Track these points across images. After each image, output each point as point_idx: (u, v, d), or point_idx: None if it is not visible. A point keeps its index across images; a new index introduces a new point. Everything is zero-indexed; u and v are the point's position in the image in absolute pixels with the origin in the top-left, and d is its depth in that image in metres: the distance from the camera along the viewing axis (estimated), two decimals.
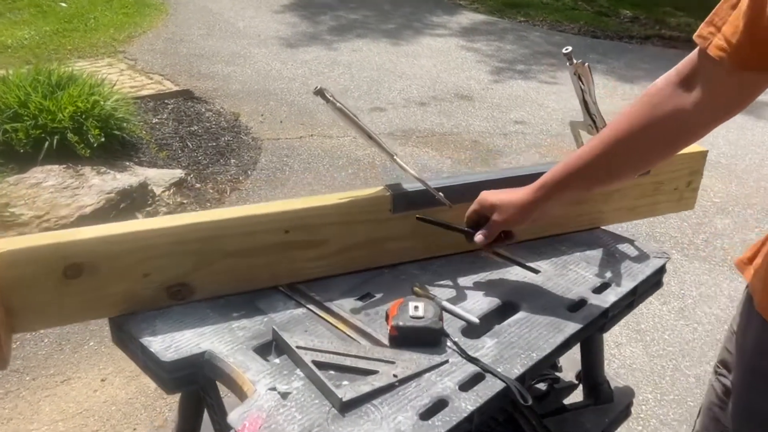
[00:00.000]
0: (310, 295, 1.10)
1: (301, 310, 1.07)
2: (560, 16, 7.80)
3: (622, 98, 5.02)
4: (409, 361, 0.95)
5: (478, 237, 1.08)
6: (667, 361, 2.26)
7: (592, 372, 1.37)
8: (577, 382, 1.43)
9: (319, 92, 1.03)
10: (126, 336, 1.01)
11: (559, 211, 1.12)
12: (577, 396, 1.43)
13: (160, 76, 4.97)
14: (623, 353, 2.29)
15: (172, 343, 0.97)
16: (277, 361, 0.95)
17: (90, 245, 0.95)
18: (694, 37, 0.83)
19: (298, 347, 0.95)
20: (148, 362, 0.98)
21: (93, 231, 0.96)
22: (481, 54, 6.15)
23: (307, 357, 0.93)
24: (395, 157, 1.12)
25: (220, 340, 0.98)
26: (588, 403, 1.37)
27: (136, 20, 6.49)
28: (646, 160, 0.95)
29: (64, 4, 6.76)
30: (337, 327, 1.03)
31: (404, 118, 4.47)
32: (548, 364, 1.01)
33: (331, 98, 1.04)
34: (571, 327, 1.05)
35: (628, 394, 1.41)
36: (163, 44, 5.79)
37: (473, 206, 1.09)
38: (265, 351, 0.97)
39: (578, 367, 1.41)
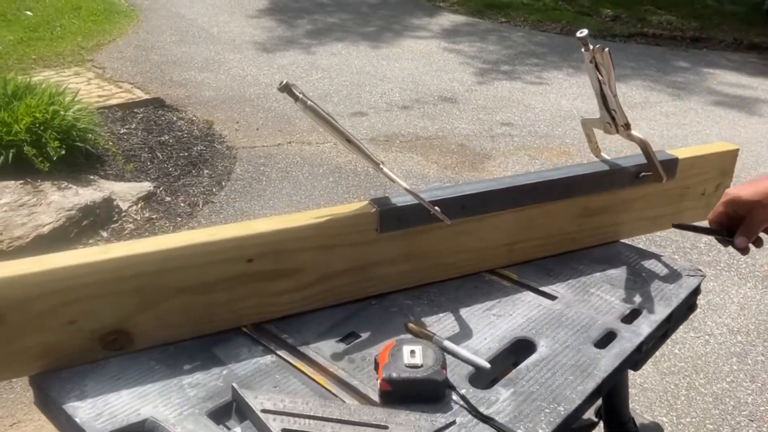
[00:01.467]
0: (282, 338, 0.90)
1: (269, 358, 0.86)
2: (542, 16, 7.68)
3: None
4: (406, 424, 0.75)
5: (740, 241, 0.95)
6: (680, 378, 2.08)
7: (615, 409, 1.18)
8: (596, 419, 1.24)
9: (285, 88, 0.83)
10: (48, 399, 0.80)
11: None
12: None
13: (130, 85, 4.74)
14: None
15: (104, 409, 0.77)
16: (237, 430, 0.74)
17: None
18: None
19: (264, 411, 0.74)
20: None
21: None
22: (463, 55, 5.98)
23: (276, 424, 0.73)
24: (381, 165, 0.93)
25: (166, 403, 0.78)
26: None
27: (105, 27, 6.24)
28: None
29: (29, 13, 6.49)
30: (314, 379, 0.83)
31: (387, 122, 4.27)
32: (577, 419, 0.82)
33: (300, 95, 0.84)
34: (603, 368, 0.86)
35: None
36: (134, 51, 5.55)
37: (720, 208, 0.97)
38: (223, 415, 0.77)
39: (598, 401, 1.22)
